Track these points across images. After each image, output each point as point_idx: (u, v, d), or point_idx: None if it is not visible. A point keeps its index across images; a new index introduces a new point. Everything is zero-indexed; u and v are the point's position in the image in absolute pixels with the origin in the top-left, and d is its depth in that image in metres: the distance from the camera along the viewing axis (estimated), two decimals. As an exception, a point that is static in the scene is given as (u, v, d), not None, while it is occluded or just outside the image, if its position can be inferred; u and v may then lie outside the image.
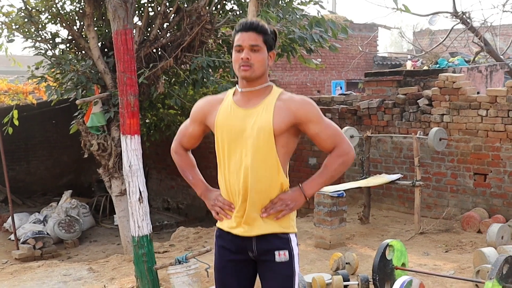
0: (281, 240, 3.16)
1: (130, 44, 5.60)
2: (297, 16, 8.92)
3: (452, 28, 13.17)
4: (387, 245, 5.70)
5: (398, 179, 8.48)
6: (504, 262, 5.05)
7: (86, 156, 9.01)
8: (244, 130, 3.11)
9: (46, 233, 10.75)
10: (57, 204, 12.53)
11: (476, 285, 5.67)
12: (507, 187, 8.36)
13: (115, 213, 12.54)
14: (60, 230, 11.17)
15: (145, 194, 5.82)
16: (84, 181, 16.40)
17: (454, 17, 12.25)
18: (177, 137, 3.51)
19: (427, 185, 9.06)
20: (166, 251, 8.03)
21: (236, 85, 3.27)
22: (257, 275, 3.29)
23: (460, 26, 13.40)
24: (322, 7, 9.09)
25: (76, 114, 9.26)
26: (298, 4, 9.21)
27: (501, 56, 12.78)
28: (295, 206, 3.18)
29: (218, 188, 3.32)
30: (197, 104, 3.38)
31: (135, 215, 5.78)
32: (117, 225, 12.00)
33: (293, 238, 3.21)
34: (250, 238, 3.16)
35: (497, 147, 8.41)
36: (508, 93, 8.19)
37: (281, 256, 3.14)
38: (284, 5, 8.69)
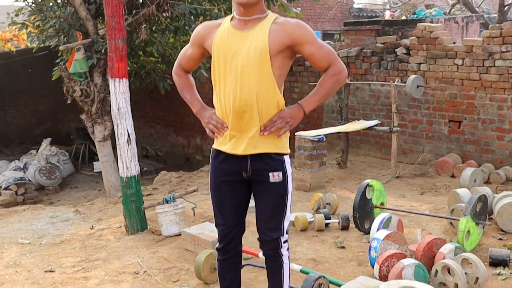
0: (276, 162, 3.31)
1: (119, -13, 5.67)
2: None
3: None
4: (367, 184, 5.94)
5: (376, 125, 8.71)
6: (477, 200, 5.30)
7: (69, 102, 9.07)
8: (240, 50, 3.22)
9: (27, 179, 10.83)
10: (37, 152, 12.58)
11: (451, 222, 5.92)
12: (480, 134, 8.65)
13: (94, 161, 12.73)
14: (41, 177, 11.27)
15: (133, 136, 5.97)
16: (62, 129, 16.41)
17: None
18: (177, 60, 3.63)
19: (403, 132, 9.33)
20: (150, 194, 8.20)
21: (234, 12, 3.37)
22: (251, 194, 3.46)
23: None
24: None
25: (57, 61, 9.27)
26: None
27: (476, 9, 12.97)
28: (294, 122, 3.31)
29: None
30: (197, 28, 3.50)
31: (123, 157, 5.94)
32: (97, 172, 12.17)
33: (287, 159, 3.36)
34: (245, 158, 3.29)
35: (471, 95, 8.66)
36: (483, 43, 8.41)
37: (275, 177, 3.28)
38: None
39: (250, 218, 3.56)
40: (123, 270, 5.06)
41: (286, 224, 3.40)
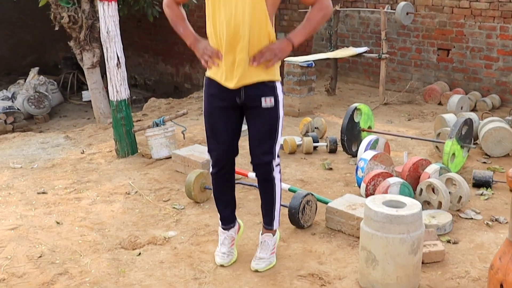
0: (268, 87, 3.40)
1: None
2: None
3: None
4: (355, 108, 6.01)
5: (365, 52, 8.72)
6: (463, 123, 5.38)
7: (57, 28, 8.98)
8: None
9: (16, 108, 10.80)
10: (25, 81, 12.49)
11: (437, 146, 6.02)
12: (469, 62, 8.68)
13: (83, 90, 12.68)
14: (29, 106, 11.23)
15: (122, 60, 5.96)
16: (49, 60, 16.23)
17: None
18: None
19: (392, 60, 9.34)
20: (139, 120, 8.23)
21: None
22: (244, 118, 3.55)
23: None
24: None
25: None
26: None
27: None
28: (282, 55, 3.39)
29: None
30: None
31: (113, 80, 5.95)
32: (85, 102, 12.15)
33: (278, 85, 3.45)
34: (239, 88, 3.37)
35: (461, 23, 8.65)
36: (474, -31, 8.36)
37: (267, 102, 3.38)
38: None
39: (241, 141, 3.64)
40: (115, 191, 5.15)
41: (277, 148, 3.51)
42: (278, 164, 3.54)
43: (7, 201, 4.98)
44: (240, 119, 3.55)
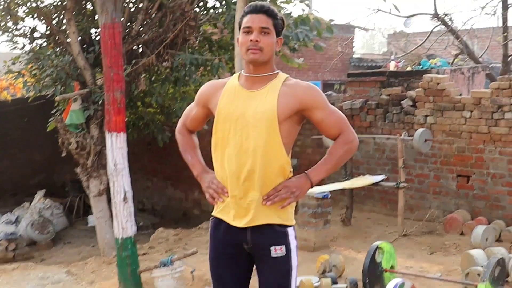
0: (278, 234, 3.05)
1: (118, 38, 5.46)
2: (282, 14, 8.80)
3: (433, 30, 13.17)
4: (377, 247, 5.63)
5: (382, 181, 8.41)
6: (496, 264, 5.02)
7: (64, 154, 8.78)
8: (246, 112, 3.02)
9: (19, 234, 10.51)
10: (30, 204, 12.24)
11: (466, 287, 5.60)
12: (490, 189, 8.34)
13: (89, 214, 12.36)
14: (33, 231, 10.89)
15: (130, 194, 5.68)
16: (57, 180, 16.07)
17: (436, 19, 12.25)
18: (182, 119, 3.45)
19: (410, 187, 9.00)
20: (145, 253, 7.84)
21: (242, 70, 3.17)
22: (254, 265, 3.20)
23: (438, 28, 13.44)
24: (307, 5, 8.97)
25: (54, 111, 9.01)
26: (281, 2, 9.07)
27: (483, 59, 12.83)
28: (300, 193, 3.07)
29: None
30: (202, 88, 3.30)
31: (119, 216, 5.63)
32: (91, 226, 11.78)
33: (290, 232, 3.10)
34: (245, 229, 3.05)
35: (480, 149, 8.38)
36: (492, 95, 8.18)
37: (277, 251, 3.03)
38: (268, 1, 8.56)
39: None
40: None
41: None
42: None
43: None
44: (249, 267, 3.19)
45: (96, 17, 9.04)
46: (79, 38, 8.56)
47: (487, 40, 14.36)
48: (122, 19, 8.58)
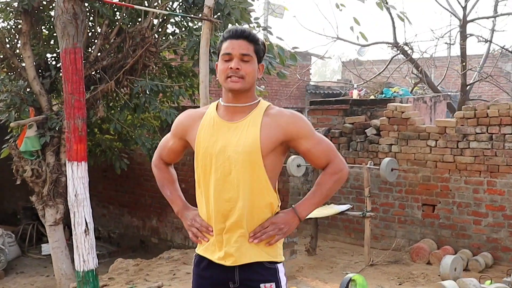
0: (268, 271, 2.88)
1: (80, 63, 5.20)
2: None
3: (392, 58, 13.21)
4: (350, 279, 5.46)
5: (348, 210, 8.28)
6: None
7: (18, 182, 8.40)
8: (228, 146, 2.82)
9: (-31, 265, 10.02)
10: (-20, 233, 11.72)
11: (441, 321, 5.47)
12: (456, 218, 8.30)
13: (42, 242, 11.89)
14: (-17, 262, 10.42)
15: (91, 226, 5.42)
16: (8, 207, 15.48)
17: (395, 48, 12.30)
18: (157, 151, 3.23)
19: (375, 216, 8.88)
20: (105, 285, 7.49)
21: (220, 99, 2.97)
22: None
23: (397, 57, 13.50)
24: (270, 33, 8.82)
25: (7, 137, 8.64)
26: (246, 29, 8.92)
27: (438, 88, 12.91)
28: (288, 230, 2.91)
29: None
30: (178, 118, 3.10)
31: (80, 248, 5.35)
32: (45, 255, 11.34)
33: (280, 268, 2.92)
34: (233, 268, 2.85)
35: (446, 178, 8.35)
36: (457, 124, 8.18)
37: None
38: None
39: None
40: None
41: None
42: None
43: None
44: None
45: (52, 42, 8.78)
46: (35, 62, 8.26)
47: (442, 69, 14.52)
48: (81, 43, 8.32)
